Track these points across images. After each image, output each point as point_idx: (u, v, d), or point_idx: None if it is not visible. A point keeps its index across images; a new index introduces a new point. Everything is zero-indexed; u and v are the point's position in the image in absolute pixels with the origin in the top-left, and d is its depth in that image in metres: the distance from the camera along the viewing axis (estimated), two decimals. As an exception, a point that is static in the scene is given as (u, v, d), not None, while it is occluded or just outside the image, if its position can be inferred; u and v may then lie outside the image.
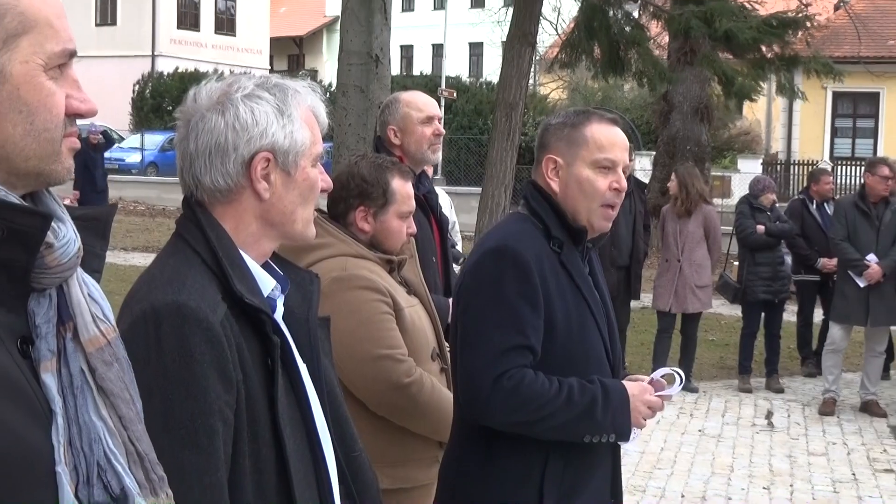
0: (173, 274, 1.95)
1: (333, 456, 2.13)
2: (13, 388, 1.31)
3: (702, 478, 7.42)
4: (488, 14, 39.15)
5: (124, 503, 1.37)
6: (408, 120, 4.22)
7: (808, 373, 10.66)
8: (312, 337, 2.15)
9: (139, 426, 1.45)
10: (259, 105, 2.01)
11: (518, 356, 2.59)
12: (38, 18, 1.37)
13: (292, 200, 2.06)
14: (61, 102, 1.40)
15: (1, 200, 1.33)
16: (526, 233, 2.74)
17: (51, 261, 1.38)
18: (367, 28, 10.86)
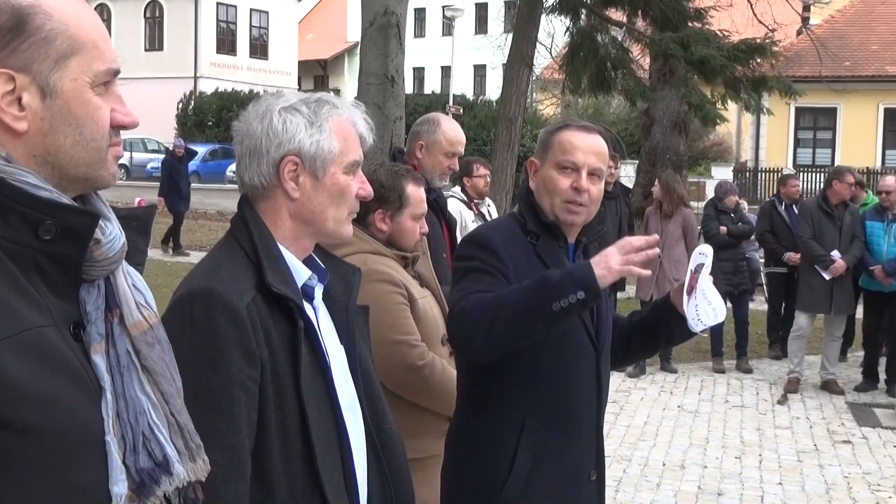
0: (213, 264, 2.04)
1: (362, 427, 2.14)
2: (67, 367, 1.32)
3: (681, 448, 7.42)
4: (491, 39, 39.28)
5: (166, 468, 1.38)
6: (437, 146, 4.22)
7: (774, 356, 10.69)
8: (351, 321, 2.18)
9: (179, 401, 1.46)
10: (292, 116, 2.05)
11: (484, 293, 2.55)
12: (85, 41, 1.38)
13: (321, 201, 2.07)
14: (107, 116, 1.40)
15: (55, 201, 1.34)
16: (502, 226, 2.81)
17: (99, 255, 1.38)
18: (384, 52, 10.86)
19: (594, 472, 2.76)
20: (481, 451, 2.68)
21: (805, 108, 28.04)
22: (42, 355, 1.29)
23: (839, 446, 7.59)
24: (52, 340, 1.31)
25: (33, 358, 1.27)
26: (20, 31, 1.33)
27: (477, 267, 2.60)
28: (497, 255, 2.60)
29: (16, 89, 1.33)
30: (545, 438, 2.64)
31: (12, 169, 1.32)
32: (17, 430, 1.25)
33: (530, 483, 2.62)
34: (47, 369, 1.28)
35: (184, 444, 1.43)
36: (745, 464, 7.10)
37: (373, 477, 2.15)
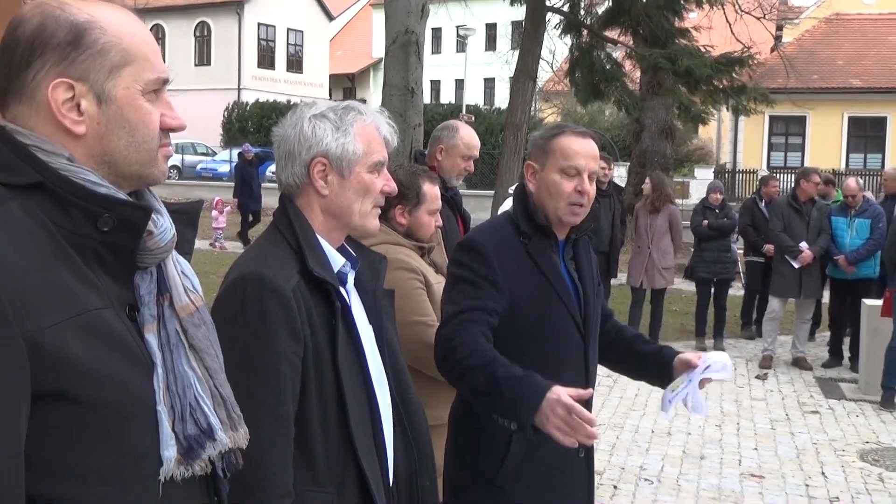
0: (261, 252, 2.04)
1: (389, 397, 2.14)
2: (123, 345, 1.32)
3: (667, 417, 7.38)
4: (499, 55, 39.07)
5: (210, 435, 1.38)
6: (456, 149, 4.21)
7: (749, 336, 10.67)
8: (378, 303, 2.18)
9: (221, 375, 1.45)
10: (320, 122, 2.06)
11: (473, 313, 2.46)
12: (136, 53, 1.37)
13: (348, 198, 2.07)
14: (156, 120, 1.40)
15: (111, 197, 1.33)
16: (496, 227, 2.68)
17: (151, 245, 1.38)
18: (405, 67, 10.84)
19: (582, 450, 2.64)
20: (478, 438, 2.61)
21: (778, 117, 27.95)
22: (100, 334, 1.29)
23: (808, 416, 7.57)
24: (109, 321, 1.31)
25: (93, 337, 1.27)
26: (78, 44, 1.33)
27: (467, 278, 2.52)
28: (488, 262, 2.51)
29: (75, 97, 1.33)
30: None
31: (74, 168, 1.32)
32: (79, 402, 1.25)
33: (523, 468, 2.55)
34: (105, 347, 1.29)
35: (226, 414, 1.43)
36: (724, 431, 7.08)
37: (398, 441, 2.16)
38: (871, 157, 29.40)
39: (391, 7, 11.09)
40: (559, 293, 2.60)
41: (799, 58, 26.11)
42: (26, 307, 1.20)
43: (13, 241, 1.23)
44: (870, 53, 30.15)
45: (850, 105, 29.39)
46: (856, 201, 9.08)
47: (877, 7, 34.96)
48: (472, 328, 2.42)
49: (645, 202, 9.81)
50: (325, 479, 1.97)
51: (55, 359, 1.22)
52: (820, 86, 28.68)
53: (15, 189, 1.29)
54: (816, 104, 28.54)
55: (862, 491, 5.82)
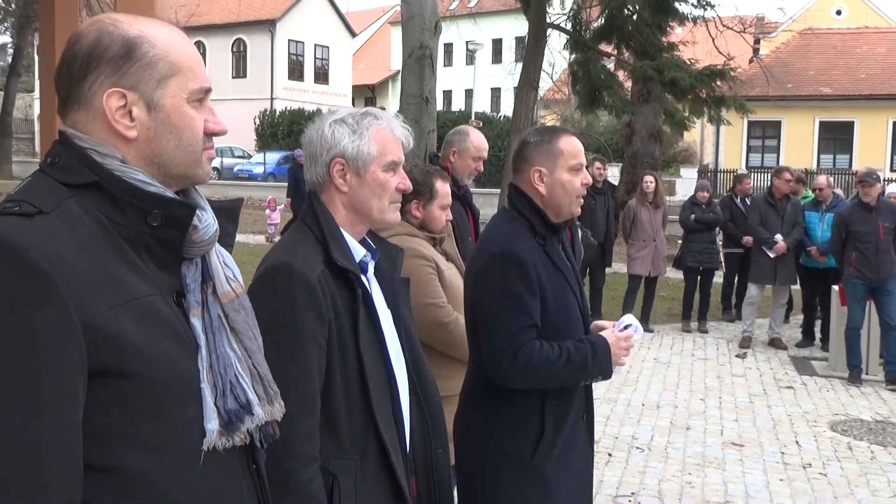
0: (290, 244, 2.04)
1: (406, 374, 2.13)
2: (171, 328, 1.32)
3: (656, 392, 7.39)
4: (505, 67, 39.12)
5: (249, 410, 1.38)
6: (467, 152, 4.20)
7: (729, 319, 10.66)
8: (395, 290, 2.18)
9: (259, 356, 1.45)
10: (339, 127, 2.07)
11: (527, 333, 2.45)
12: (182, 65, 1.37)
13: (365, 194, 2.07)
14: (200, 125, 1.39)
15: (160, 195, 1.33)
16: (518, 234, 2.56)
17: (196, 238, 1.38)
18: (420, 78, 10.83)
19: (585, 414, 2.70)
20: (507, 420, 2.55)
21: (755, 121, 27.79)
22: (150, 319, 1.29)
23: (783, 391, 7.55)
24: (159, 306, 1.31)
25: (144, 321, 1.27)
26: (129, 57, 1.32)
27: (513, 292, 2.46)
28: (527, 271, 2.47)
29: (127, 104, 1.33)
30: (562, 404, 2.57)
31: (127, 169, 1.32)
32: (131, 379, 1.25)
33: (554, 444, 2.53)
34: (155, 330, 1.28)
35: (263, 390, 1.42)
36: (707, 404, 7.06)
37: (414, 413, 2.16)
38: (839, 157, 29.27)
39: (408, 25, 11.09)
40: (570, 284, 2.62)
41: (775, 68, 25.97)
42: (83, 295, 1.20)
43: (72, 236, 1.23)
44: (839, 64, 30.00)
45: (821, 111, 29.25)
46: (824, 195, 9.06)
47: (845, 22, 34.88)
48: (530, 346, 2.47)
49: (647, 199, 9.84)
50: (349, 448, 1.97)
51: (110, 340, 1.22)
52: (793, 93, 28.58)
53: (73, 188, 1.29)
54: (790, 110, 28.45)
55: (832, 458, 5.80)
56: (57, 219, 1.24)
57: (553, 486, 2.55)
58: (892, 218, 7.77)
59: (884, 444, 6.13)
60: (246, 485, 1.42)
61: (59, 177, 1.30)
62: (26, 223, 1.21)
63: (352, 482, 1.95)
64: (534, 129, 2.79)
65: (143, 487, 1.27)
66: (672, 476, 5.37)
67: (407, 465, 2.08)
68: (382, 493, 2.00)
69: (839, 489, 5.23)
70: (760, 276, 9.16)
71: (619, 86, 18.62)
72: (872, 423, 6.63)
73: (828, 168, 26.52)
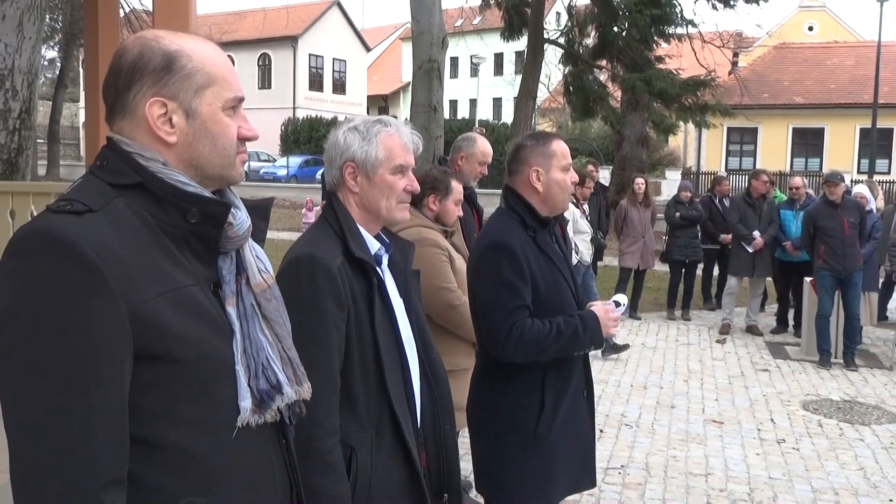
0: (312, 237, 2.05)
1: (417, 356, 2.14)
2: (209, 315, 1.32)
3: (643, 374, 7.39)
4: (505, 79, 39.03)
5: (279, 390, 1.38)
6: (474, 157, 4.23)
7: (709, 308, 10.63)
8: (407, 280, 2.18)
9: (289, 340, 1.45)
10: (351, 134, 2.08)
11: (518, 312, 2.47)
12: (217, 76, 1.37)
13: (374, 195, 2.07)
14: (234, 131, 1.39)
15: (198, 195, 1.34)
16: (510, 227, 2.59)
17: (231, 234, 1.38)
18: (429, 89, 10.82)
19: (585, 391, 2.73)
20: (511, 396, 2.59)
21: (734, 128, 27.69)
22: (190, 307, 1.29)
23: (759, 373, 7.53)
24: (197, 296, 1.31)
25: (184, 308, 1.28)
26: (169, 69, 1.33)
27: (505, 279, 2.49)
28: (517, 261, 2.50)
29: (167, 112, 1.33)
30: (561, 379, 2.59)
31: (168, 171, 1.32)
32: (172, 361, 1.26)
33: (555, 416, 2.57)
34: (194, 317, 1.29)
35: (292, 372, 1.42)
36: (690, 385, 7.05)
37: (424, 392, 2.16)
38: (811, 161, 29.14)
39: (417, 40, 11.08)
40: (560, 270, 2.64)
41: (752, 79, 25.90)
42: (129, 285, 1.21)
43: (118, 232, 1.24)
44: (810, 75, 29.87)
45: (794, 118, 29.11)
46: (799, 194, 9.02)
47: (816, 37, 34.74)
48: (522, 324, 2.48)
49: (637, 199, 9.83)
50: (366, 422, 1.97)
51: (153, 326, 1.23)
52: (769, 102, 28.45)
53: (120, 188, 1.30)
54: (766, 117, 28.32)
55: (804, 434, 5.79)
56: (105, 216, 1.24)
57: (556, 455, 2.59)
58: (857, 214, 7.76)
59: (851, 421, 6.12)
60: (276, 458, 1.42)
61: (106, 178, 1.31)
62: (77, 220, 1.21)
63: (368, 454, 1.96)
64: (527, 135, 2.78)
65: (183, 460, 1.27)
66: (658, 450, 5.37)
67: (418, 438, 2.09)
68: (395, 464, 2.00)
69: (810, 462, 5.23)
70: (739, 269, 9.14)
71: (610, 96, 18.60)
72: (841, 403, 6.61)
73: (800, 171, 26.42)
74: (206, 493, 1.29)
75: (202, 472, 1.29)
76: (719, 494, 4.66)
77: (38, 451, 1.15)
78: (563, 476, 2.62)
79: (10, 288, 1.18)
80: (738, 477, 4.94)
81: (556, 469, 2.59)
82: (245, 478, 1.34)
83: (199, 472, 1.28)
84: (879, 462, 5.26)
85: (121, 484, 1.20)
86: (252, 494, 1.35)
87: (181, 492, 1.27)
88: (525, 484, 2.57)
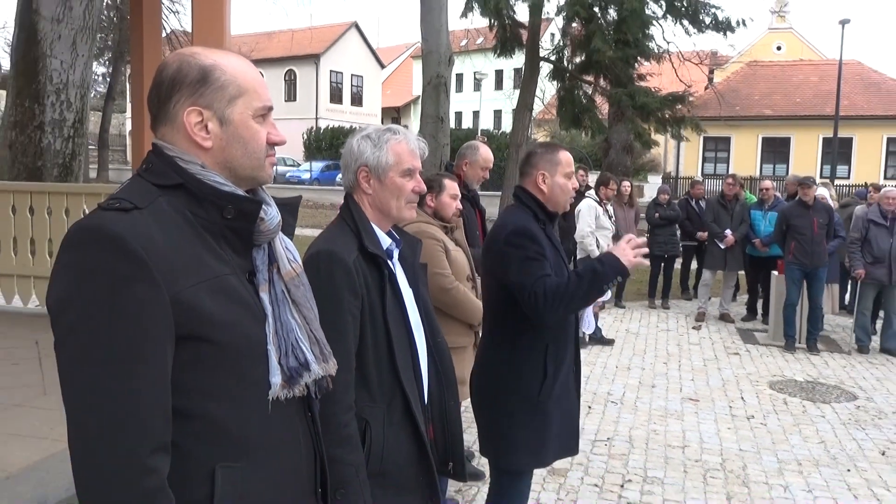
0: (330, 234, 2.04)
1: (424, 340, 2.13)
2: (244, 301, 1.32)
3: (627, 356, 7.37)
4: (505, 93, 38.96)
5: (306, 367, 1.38)
6: (477, 163, 4.23)
7: (687, 298, 10.59)
8: (416, 273, 2.18)
9: (316, 323, 1.45)
10: (364, 142, 2.07)
11: (544, 279, 2.52)
12: (248, 87, 1.37)
13: (385, 196, 2.07)
14: (264, 136, 1.39)
15: (233, 193, 1.34)
16: (527, 218, 2.68)
17: (263, 228, 1.38)
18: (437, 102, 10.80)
19: (574, 367, 2.78)
20: (517, 367, 2.64)
21: (709, 137, 27.52)
22: (227, 293, 1.29)
23: (731, 356, 7.51)
24: (234, 283, 1.31)
25: (221, 295, 1.28)
26: (205, 81, 1.33)
27: (532, 256, 2.56)
28: (539, 242, 2.59)
29: (203, 120, 1.33)
30: (559, 353, 2.67)
31: (206, 172, 1.33)
32: (211, 342, 1.26)
33: (553, 384, 2.64)
34: (230, 302, 1.29)
35: (319, 350, 1.42)
36: (669, 367, 7.04)
37: (431, 372, 2.16)
38: (778, 167, 29.01)
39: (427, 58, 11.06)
40: (561, 255, 2.73)
41: (726, 93, 25.73)
42: (171, 274, 1.21)
43: (162, 227, 1.24)
44: (778, 90, 29.74)
45: (763, 128, 29.01)
46: (768, 195, 9.00)
47: (784, 56, 34.55)
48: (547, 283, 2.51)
49: (623, 200, 9.80)
50: (378, 398, 1.97)
51: (193, 311, 1.23)
52: (741, 114, 28.33)
53: (163, 188, 1.30)
54: (738, 128, 28.25)
55: (771, 411, 5.77)
56: (150, 213, 1.25)
57: (551, 421, 2.65)
58: (826, 215, 7.74)
59: (813, 399, 6.10)
60: (303, 429, 1.43)
61: (151, 179, 1.31)
62: (124, 216, 1.22)
63: (380, 427, 1.96)
64: (538, 143, 2.93)
65: (220, 430, 1.28)
66: (640, 425, 5.36)
67: (425, 413, 2.08)
68: (405, 436, 2.00)
69: (776, 436, 5.21)
70: (713, 264, 9.12)
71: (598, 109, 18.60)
72: (804, 383, 6.59)
73: (769, 175, 26.33)
74: (240, 460, 1.29)
75: (237, 441, 1.29)
76: (694, 464, 4.65)
77: (91, 422, 1.16)
78: (554, 442, 2.69)
79: (66, 278, 1.19)
80: (712, 449, 4.93)
81: (549, 434, 2.65)
82: (275, 446, 1.35)
83: (234, 441, 1.29)
84: (838, 436, 5.24)
85: (165, 451, 1.21)
86: (281, 461, 1.36)
87: (218, 458, 1.27)
88: (525, 446, 2.64)
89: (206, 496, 1.26)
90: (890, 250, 7.60)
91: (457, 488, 4.03)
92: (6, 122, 9.44)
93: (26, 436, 3.22)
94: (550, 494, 4.09)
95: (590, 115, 18.05)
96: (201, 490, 1.25)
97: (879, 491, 4.33)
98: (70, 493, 2.76)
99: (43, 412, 3.56)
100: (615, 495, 4.14)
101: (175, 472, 1.22)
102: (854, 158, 28.14)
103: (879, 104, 27.87)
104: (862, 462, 4.77)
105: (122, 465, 1.15)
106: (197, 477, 1.25)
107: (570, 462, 4.46)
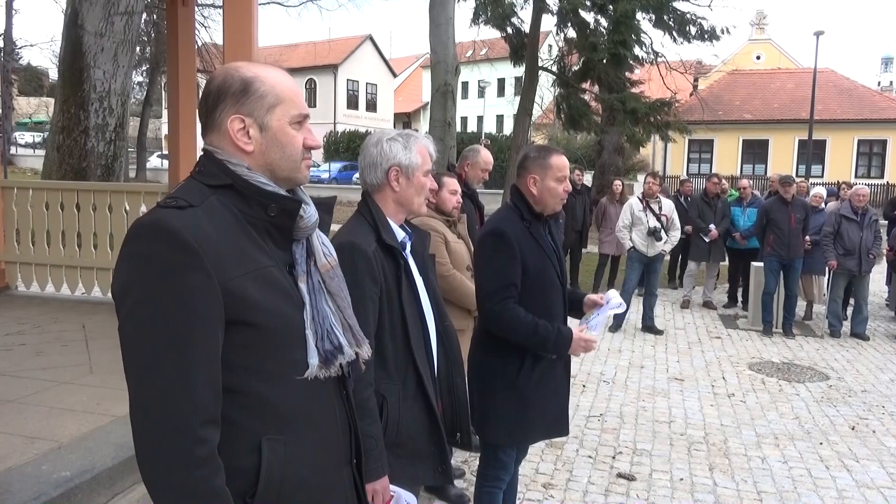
0: (351, 228, 2.05)
1: (434, 324, 2.15)
2: (285, 290, 1.33)
3: (618, 339, 7.38)
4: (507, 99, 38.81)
5: (340, 350, 1.39)
6: (477, 165, 4.22)
7: (673, 286, 10.53)
8: (426, 263, 2.19)
9: (349, 311, 1.46)
10: (394, 143, 2.08)
11: (508, 289, 2.50)
12: (285, 96, 1.38)
13: (411, 193, 2.08)
14: (300, 141, 1.40)
15: (276, 193, 1.35)
16: (510, 218, 2.62)
17: (302, 225, 1.39)
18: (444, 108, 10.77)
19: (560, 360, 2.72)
20: (500, 354, 2.60)
21: (694, 140, 27.40)
22: (269, 283, 1.30)
23: (713, 340, 7.50)
24: (275, 275, 1.32)
25: (265, 285, 1.29)
26: (246, 91, 1.34)
27: (500, 258, 2.52)
28: (511, 245, 2.51)
29: (245, 127, 1.35)
30: None
31: (251, 174, 1.34)
32: (255, 327, 1.27)
33: (532, 372, 2.59)
34: (272, 291, 1.30)
35: (352, 336, 1.43)
36: (657, 349, 7.04)
37: (440, 352, 2.18)
38: (757, 167, 28.82)
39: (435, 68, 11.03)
40: (549, 257, 2.63)
41: (709, 99, 25.63)
42: (221, 265, 1.23)
43: (213, 223, 1.26)
44: (758, 96, 29.54)
45: (744, 132, 28.83)
46: (746, 193, 8.99)
47: (763, 65, 34.31)
48: (510, 304, 2.50)
49: (615, 198, 9.76)
50: (394, 376, 1.99)
51: (240, 298, 1.24)
52: (723, 119, 28.15)
53: (214, 188, 1.32)
54: (720, 131, 28.08)
55: (750, 390, 5.77)
56: (203, 210, 1.27)
57: (530, 405, 2.61)
58: (803, 212, 7.73)
59: (788, 379, 6.09)
60: (338, 405, 1.44)
61: (204, 180, 1.33)
62: (180, 213, 1.24)
63: (396, 401, 1.99)
64: (534, 146, 2.79)
65: (264, 405, 1.30)
66: (630, 402, 5.37)
67: (436, 389, 2.10)
68: (418, 409, 2.03)
69: (755, 413, 5.22)
70: (697, 255, 9.09)
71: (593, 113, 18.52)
72: (780, 364, 6.58)
73: (748, 175, 26.19)
74: (283, 432, 1.31)
75: (279, 415, 1.31)
76: (680, 438, 4.66)
77: (149, 397, 1.18)
78: (536, 423, 2.63)
79: (128, 268, 1.22)
80: (696, 424, 4.94)
81: (528, 416, 2.60)
82: (314, 420, 1.36)
83: (277, 415, 1.30)
84: (811, 413, 5.24)
85: (215, 423, 1.22)
86: (319, 434, 1.37)
87: (263, 431, 1.29)
88: (504, 424, 2.62)
89: (254, 464, 1.28)
90: (860, 243, 7.57)
91: (463, 458, 4.06)
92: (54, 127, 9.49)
93: (76, 410, 3.25)
94: (548, 465, 4.12)
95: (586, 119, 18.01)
96: (250, 459, 1.28)
97: (849, 462, 4.34)
98: (116, 461, 2.79)
99: (90, 389, 3.59)
100: (607, 465, 4.17)
101: (226, 443, 1.24)
102: (827, 159, 27.95)
103: (851, 109, 27.68)
104: (833, 436, 4.77)
105: (175, 434, 1.17)
106: (246, 448, 1.27)
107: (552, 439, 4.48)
